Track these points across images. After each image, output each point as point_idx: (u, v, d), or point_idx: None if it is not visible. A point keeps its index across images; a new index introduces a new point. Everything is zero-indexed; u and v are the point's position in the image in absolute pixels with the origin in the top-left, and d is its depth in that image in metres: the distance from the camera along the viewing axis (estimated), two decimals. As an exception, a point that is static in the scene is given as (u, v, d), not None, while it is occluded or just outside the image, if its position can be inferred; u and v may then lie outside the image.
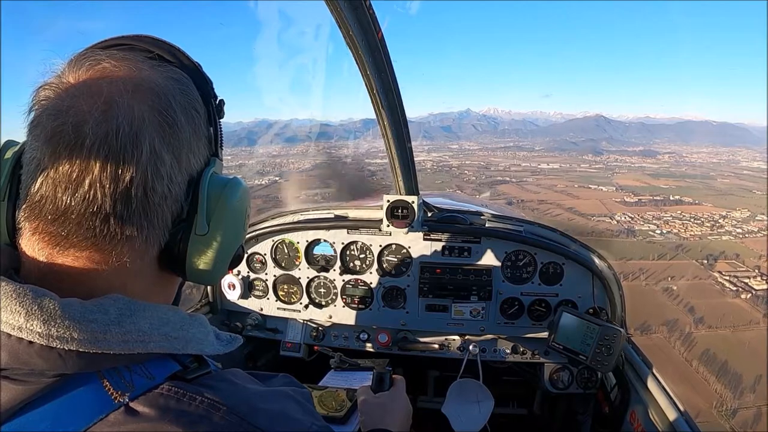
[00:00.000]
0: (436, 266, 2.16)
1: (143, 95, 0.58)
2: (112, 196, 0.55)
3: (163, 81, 0.61)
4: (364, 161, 5.50)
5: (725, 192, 55.76)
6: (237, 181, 0.69)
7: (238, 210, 0.68)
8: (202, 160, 0.66)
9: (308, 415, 0.70)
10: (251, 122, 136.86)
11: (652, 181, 62.08)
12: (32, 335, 0.51)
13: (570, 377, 2.15)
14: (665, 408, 1.60)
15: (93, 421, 0.53)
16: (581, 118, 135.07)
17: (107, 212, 0.55)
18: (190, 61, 0.68)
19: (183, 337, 0.63)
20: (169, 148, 0.59)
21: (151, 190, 0.57)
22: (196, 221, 0.64)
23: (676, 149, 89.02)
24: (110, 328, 0.55)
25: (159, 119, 0.58)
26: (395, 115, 1.70)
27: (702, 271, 36.17)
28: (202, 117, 0.66)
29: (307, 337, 2.32)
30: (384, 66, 1.42)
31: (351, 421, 1.58)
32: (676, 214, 48.03)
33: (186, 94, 0.63)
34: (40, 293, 0.53)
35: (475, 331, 2.19)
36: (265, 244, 2.33)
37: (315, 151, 8.63)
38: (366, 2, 1.16)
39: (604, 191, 58.23)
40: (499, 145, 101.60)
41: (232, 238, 0.69)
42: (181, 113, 0.61)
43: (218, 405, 0.58)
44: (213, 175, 0.66)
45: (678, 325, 28.02)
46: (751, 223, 44.81)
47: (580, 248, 2.11)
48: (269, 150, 8.81)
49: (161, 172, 0.58)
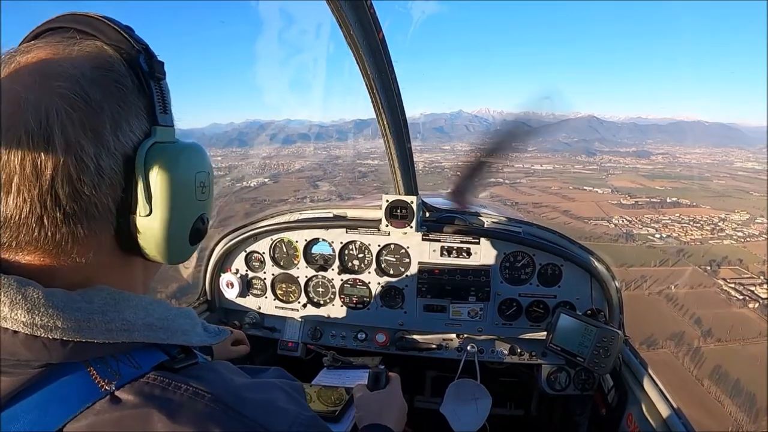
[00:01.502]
0: (435, 267, 2.16)
1: (50, 84, 0.54)
2: (39, 197, 0.53)
3: (72, 61, 0.56)
4: (356, 162, 5.49)
5: (722, 194, 55.40)
6: (179, 146, 0.63)
7: (182, 180, 0.62)
8: (137, 133, 0.60)
9: (296, 405, 0.70)
10: (243, 123, 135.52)
11: (648, 182, 61.72)
12: (17, 324, 0.52)
13: (567, 379, 2.15)
14: (662, 410, 1.60)
15: (79, 410, 0.53)
16: (573, 119, 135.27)
17: (39, 215, 0.54)
18: (114, 29, 0.61)
19: (168, 327, 0.63)
20: (86, 133, 0.54)
21: (78, 182, 0.54)
22: (137, 202, 0.59)
23: (669, 150, 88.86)
24: (93, 316, 0.55)
25: (68, 106, 0.53)
26: (395, 115, 1.70)
27: (706, 278, 35.16)
28: (129, 87, 0.59)
29: (305, 336, 2.32)
30: (384, 66, 1.42)
31: (345, 419, 1.58)
32: (674, 216, 47.66)
33: (102, 68, 0.58)
34: (24, 283, 0.53)
35: (473, 331, 2.19)
36: (264, 242, 2.32)
37: (306, 153, 8.64)
38: (367, 2, 1.15)
39: (600, 193, 57.88)
40: None
41: (180, 213, 0.63)
42: (95, 92, 0.56)
43: (203, 393, 0.58)
44: (154, 147, 0.60)
45: (685, 339, 26.85)
46: (752, 226, 44.34)
47: (579, 250, 2.11)
48: (259, 151, 8.82)
49: (85, 161, 0.54)
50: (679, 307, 30.64)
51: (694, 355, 25.36)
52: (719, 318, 28.45)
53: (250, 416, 0.60)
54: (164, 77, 0.63)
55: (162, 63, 0.63)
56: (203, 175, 0.67)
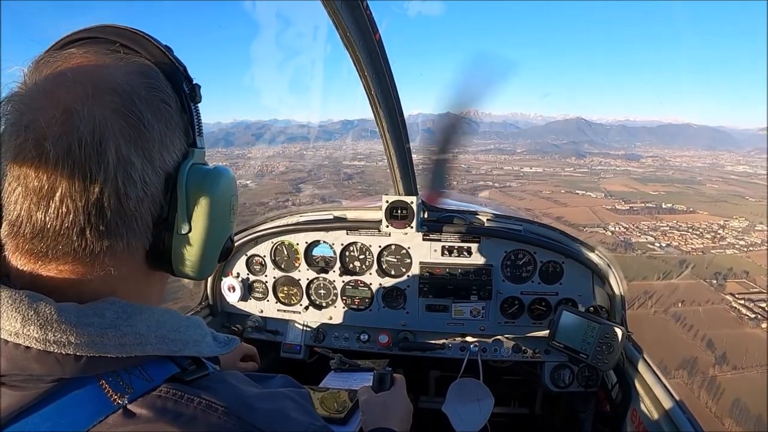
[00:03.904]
0: (436, 266, 2.16)
1: (103, 98, 0.54)
2: (84, 209, 0.53)
3: (124, 77, 0.57)
4: (342, 164, 5.46)
5: (718, 199, 54.32)
6: (217, 171, 0.66)
7: (220, 202, 0.66)
8: (178, 153, 0.63)
9: (307, 414, 0.71)
10: (230, 123, 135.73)
11: (641, 186, 60.47)
12: (29, 340, 0.51)
13: (571, 376, 2.15)
14: (667, 406, 1.60)
15: (92, 424, 0.53)
16: (562, 121, 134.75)
17: (82, 226, 0.54)
18: (157, 47, 0.63)
19: (180, 339, 0.63)
20: (138, 151, 0.56)
21: (125, 197, 0.55)
22: (177, 220, 0.62)
23: (658, 152, 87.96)
24: (107, 331, 0.55)
25: (122, 122, 0.55)
26: (393, 116, 1.72)
27: (713, 294, 32.62)
28: (173, 108, 0.62)
29: (308, 339, 2.31)
30: (382, 67, 1.44)
31: (352, 422, 1.56)
32: (672, 223, 46.46)
33: (152, 87, 0.59)
34: (36, 298, 0.53)
35: (475, 330, 2.19)
36: (265, 245, 2.32)
37: (291, 153, 8.59)
38: (363, 3, 1.17)
39: (593, 197, 56.51)
40: (480, 147, 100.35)
41: (216, 233, 0.67)
42: (147, 110, 0.57)
43: (216, 406, 0.58)
44: (193, 168, 0.63)
45: (698, 366, 24.31)
46: (753, 234, 42.70)
47: (580, 246, 2.12)
48: (245, 152, 8.76)
49: (133, 177, 0.56)
50: (687, 328, 28.09)
51: (710, 387, 22.86)
52: (733, 340, 25.99)
53: (263, 428, 0.60)
54: (201, 100, 0.66)
55: (199, 86, 0.66)
56: (234, 198, 0.71)
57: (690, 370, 23.87)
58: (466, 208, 2.36)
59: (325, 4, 1.08)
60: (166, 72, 0.62)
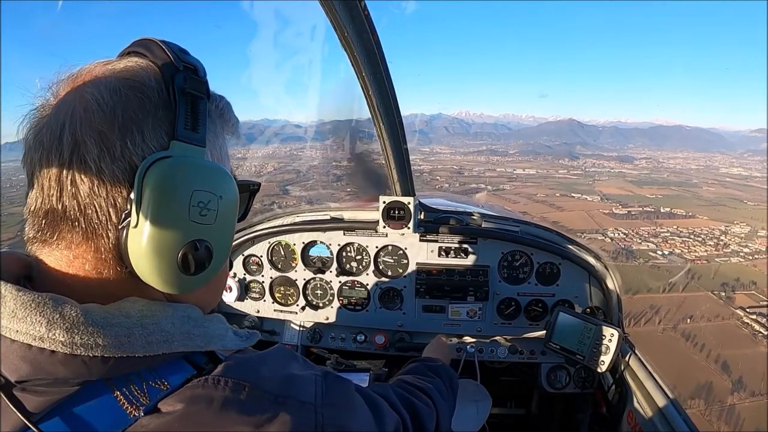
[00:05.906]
0: (433, 267, 2.16)
1: (81, 90, 0.58)
2: (49, 191, 0.57)
3: (110, 73, 0.59)
4: (331, 164, 5.35)
5: (716, 202, 53.63)
6: (186, 161, 0.59)
7: (173, 192, 0.57)
8: (153, 145, 0.58)
9: (307, 367, 0.73)
10: None
11: (637, 189, 59.91)
12: (55, 344, 0.51)
13: (567, 377, 2.15)
14: (663, 407, 1.60)
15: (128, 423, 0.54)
16: (554, 122, 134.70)
17: (47, 209, 0.57)
18: (162, 48, 0.62)
19: (204, 333, 0.63)
20: (93, 135, 0.55)
21: (80, 181, 0.55)
22: (132, 212, 0.56)
23: (651, 154, 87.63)
24: (134, 330, 0.55)
25: (82, 108, 0.56)
26: (391, 116, 1.71)
27: (722, 307, 30.48)
28: (153, 99, 0.59)
29: (304, 339, 2.30)
30: (380, 67, 1.44)
31: None
32: (673, 229, 45.38)
33: (129, 78, 0.59)
34: (60, 301, 0.53)
35: (472, 331, 2.19)
36: (261, 246, 2.32)
37: (281, 154, 8.49)
38: (361, 3, 1.17)
39: (589, 201, 55.72)
40: (472, 148, 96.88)
41: (165, 230, 0.57)
42: (111, 96, 0.56)
43: (242, 383, 0.59)
44: (163, 160, 0.57)
45: (715, 394, 21.93)
46: (756, 240, 41.36)
47: (577, 248, 2.13)
48: (235, 152, 8.73)
49: (87, 161, 0.55)
50: (699, 348, 25.79)
51: (728, 417, 20.71)
52: (748, 361, 23.56)
53: (284, 393, 0.62)
54: (202, 96, 0.62)
55: (203, 83, 0.63)
56: (207, 196, 0.60)
57: (707, 398, 21.96)
58: (463, 209, 2.36)
59: (322, 4, 1.08)
60: (162, 69, 0.61)
